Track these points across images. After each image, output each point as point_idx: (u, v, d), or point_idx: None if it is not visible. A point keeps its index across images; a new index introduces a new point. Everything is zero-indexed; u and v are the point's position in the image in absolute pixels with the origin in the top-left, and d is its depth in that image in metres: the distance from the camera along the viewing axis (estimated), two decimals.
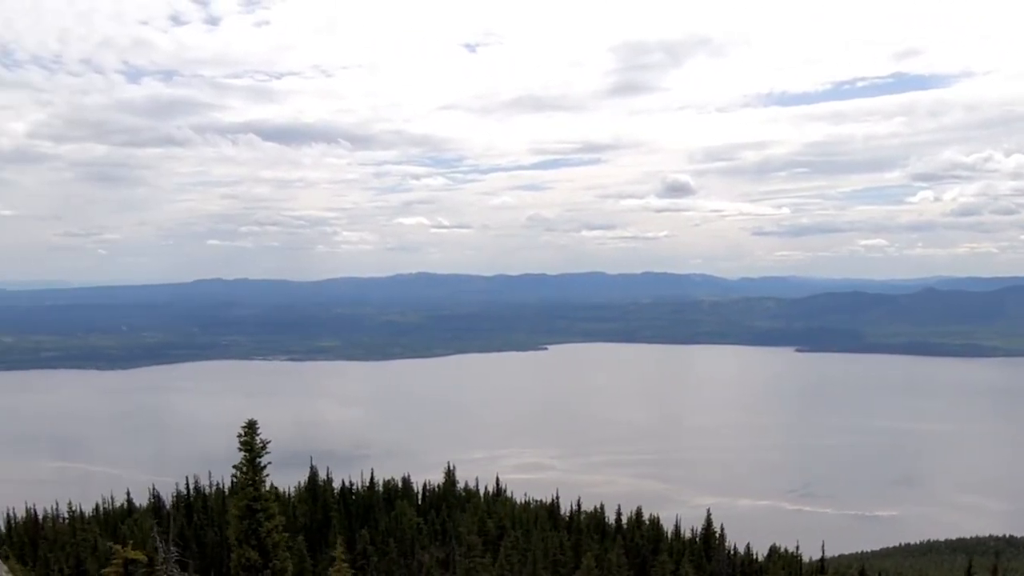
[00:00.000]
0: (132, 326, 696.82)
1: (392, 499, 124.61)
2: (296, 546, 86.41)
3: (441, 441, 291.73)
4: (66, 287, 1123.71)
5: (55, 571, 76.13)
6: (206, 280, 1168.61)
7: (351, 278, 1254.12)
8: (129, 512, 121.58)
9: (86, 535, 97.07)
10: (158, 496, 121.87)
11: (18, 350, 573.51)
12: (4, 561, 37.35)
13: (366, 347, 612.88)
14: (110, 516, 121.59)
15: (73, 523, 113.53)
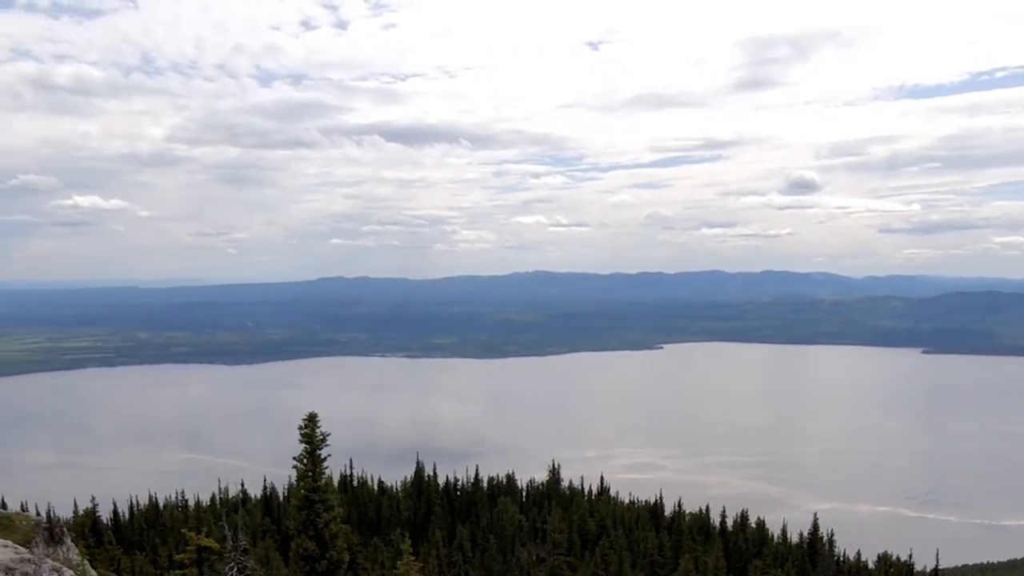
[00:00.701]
0: (257, 323, 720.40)
1: (496, 496, 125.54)
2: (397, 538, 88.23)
3: (553, 439, 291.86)
4: (197, 285, 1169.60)
5: (162, 557, 79.06)
6: (328, 278, 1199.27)
7: (469, 276, 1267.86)
8: (243, 502, 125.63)
9: (199, 524, 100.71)
10: (272, 487, 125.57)
11: (151, 345, 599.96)
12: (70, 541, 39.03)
13: (482, 345, 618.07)
14: (226, 506, 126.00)
15: (186, 512, 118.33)
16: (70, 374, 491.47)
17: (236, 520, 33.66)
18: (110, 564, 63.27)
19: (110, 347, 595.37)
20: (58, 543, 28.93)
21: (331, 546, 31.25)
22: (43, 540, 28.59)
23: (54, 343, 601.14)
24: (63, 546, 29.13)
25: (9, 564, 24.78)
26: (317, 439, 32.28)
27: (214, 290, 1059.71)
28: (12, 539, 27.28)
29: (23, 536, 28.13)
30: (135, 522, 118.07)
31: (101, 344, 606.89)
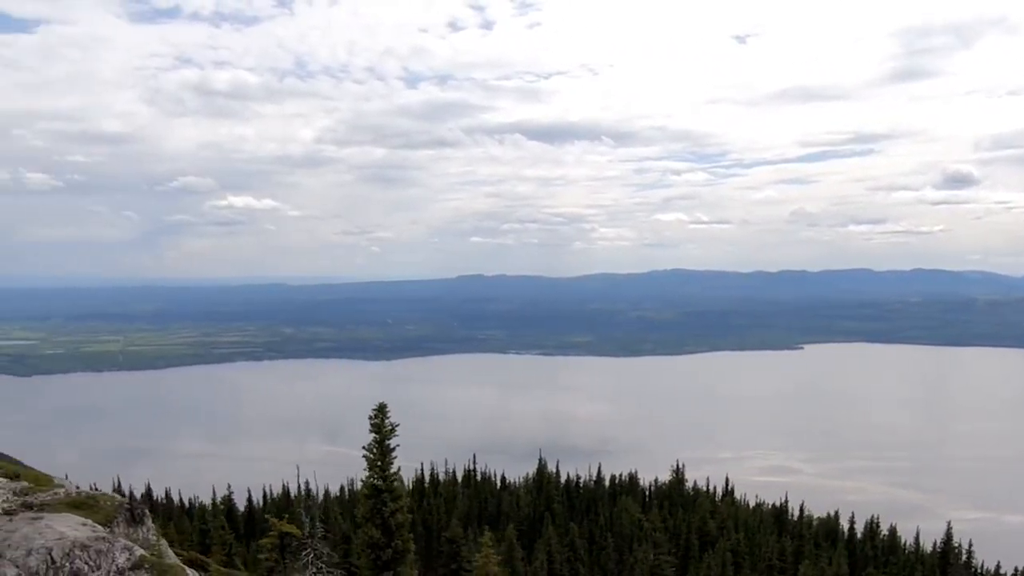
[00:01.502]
0: (397, 319, 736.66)
1: (617, 495, 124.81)
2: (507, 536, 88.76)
3: (686, 439, 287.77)
4: (341, 282, 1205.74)
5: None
6: (468, 276, 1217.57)
7: (606, 274, 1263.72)
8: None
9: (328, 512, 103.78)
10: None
11: (296, 340, 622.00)
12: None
13: (618, 343, 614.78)
14: (354, 496, 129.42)
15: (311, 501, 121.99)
16: (221, 367, 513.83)
17: (314, 509, 34.40)
18: (222, 547, 65.78)
19: (258, 342, 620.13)
20: (138, 523, 30.20)
21: (396, 535, 31.63)
22: (124, 520, 29.89)
23: (207, 337, 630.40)
24: (143, 526, 30.40)
25: (85, 541, 26.01)
26: (386, 429, 32.77)
27: (357, 287, 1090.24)
28: (94, 518, 28.61)
29: (105, 516, 29.48)
30: (267, 509, 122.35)
31: (250, 339, 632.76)
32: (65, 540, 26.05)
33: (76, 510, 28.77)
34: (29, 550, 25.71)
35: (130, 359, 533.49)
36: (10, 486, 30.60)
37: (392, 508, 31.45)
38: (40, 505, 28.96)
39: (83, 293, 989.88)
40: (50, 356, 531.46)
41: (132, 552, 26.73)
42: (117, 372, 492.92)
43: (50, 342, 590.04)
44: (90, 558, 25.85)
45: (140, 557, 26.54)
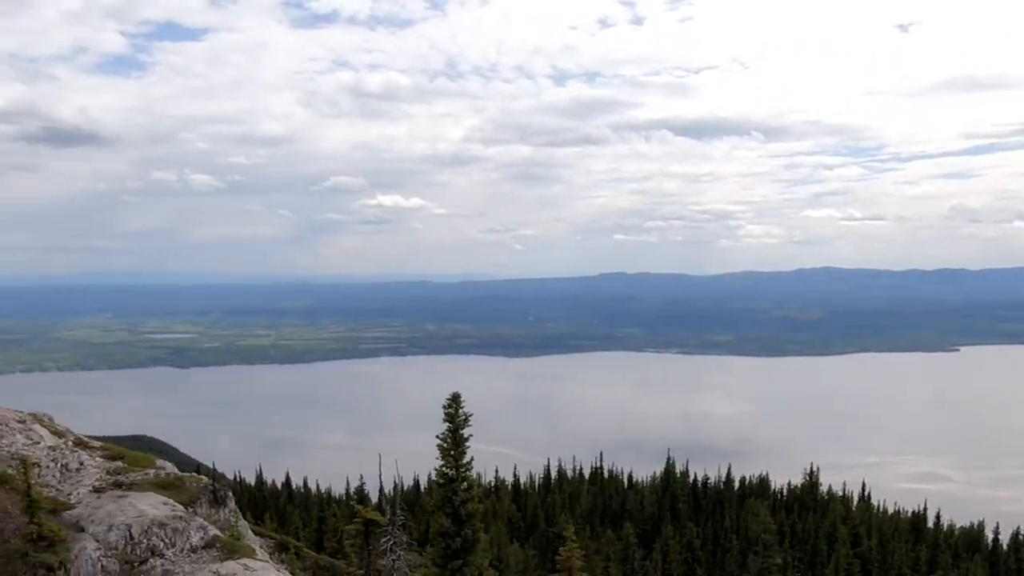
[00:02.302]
0: (538, 317, 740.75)
1: (746, 497, 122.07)
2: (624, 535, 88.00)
3: (828, 443, 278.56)
4: (484, 279, 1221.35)
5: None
6: (609, 274, 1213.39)
7: (751, 272, 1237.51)
8: (497, 489, 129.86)
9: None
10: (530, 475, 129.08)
11: (439, 337, 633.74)
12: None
13: (760, 342, 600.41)
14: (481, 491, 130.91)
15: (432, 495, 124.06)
16: (366, 362, 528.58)
17: (394, 497, 35.00)
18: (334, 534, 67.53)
19: (402, 338, 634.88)
20: (221, 505, 31.41)
21: (466, 525, 31.79)
22: (207, 501, 31.15)
23: (354, 333, 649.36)
24: (225, 508, 31.59)
25: (163, 520, 27.19)
26: (460, 419, 33.02)
27: (499, 285, 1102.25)
28: (178, 498, 29.89)
29: (189, 496, 30.77)
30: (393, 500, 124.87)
31: (394, 335, 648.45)
32: (144, 518, 27.27)
33: (162, 490, 30.04)
34: (110, 526, 27.02)
35: (281, 353, 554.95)
36: (104, 466, 32.21)
37: (463, 497, 31.66)
38: (130, 484, 30.36)
39: (240, 289, 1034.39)
40: (207, 349, 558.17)
41: (206, 531, 27.75)
42: (268, 365, 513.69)
43: (208, 336, 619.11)
44: (166, 535, 26.99)
45: (213, 536, 27.51)
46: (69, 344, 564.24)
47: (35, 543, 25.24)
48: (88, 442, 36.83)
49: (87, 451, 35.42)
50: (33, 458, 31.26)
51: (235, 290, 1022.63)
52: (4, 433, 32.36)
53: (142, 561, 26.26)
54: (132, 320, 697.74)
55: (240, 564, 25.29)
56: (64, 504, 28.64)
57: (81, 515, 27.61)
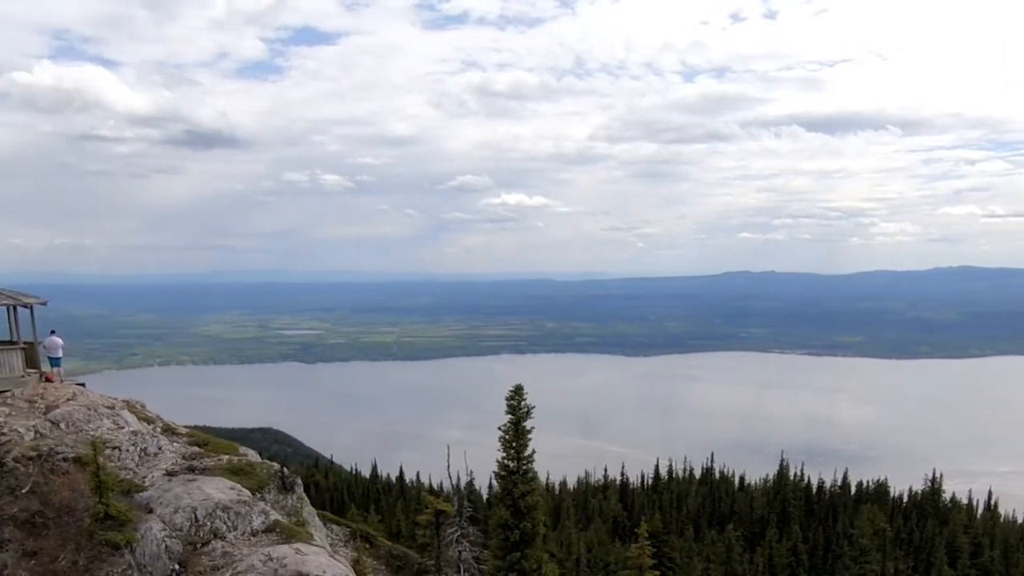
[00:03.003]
0: (659, 316, 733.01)
1: (862, 502, 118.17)
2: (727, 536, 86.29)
3: (958, 450, 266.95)
4: (605, 278, 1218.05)
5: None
6: (734, 273, 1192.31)
7: (883, 271, 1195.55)
8: (604, 488, 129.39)
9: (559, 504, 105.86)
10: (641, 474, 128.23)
11: (559, 335, 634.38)
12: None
13: (890, 344, 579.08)
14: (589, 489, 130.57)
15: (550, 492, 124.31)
16: (485, 359, 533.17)
17: (462, 490, 35.29)
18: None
19: (522, 335, 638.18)
20: (288, 491, 32.22)
21: (526, 517, 31.68)
22: (275, 487, 32.01)
23: (475, 331, 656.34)
24: (293, 494, 32.38)
25: (227, 503, 28.06)
26: (522, 411, 32.91)
27: (621, 283, 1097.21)
28: (247, 484, 30.80)
29: (258, 482, 31.66)
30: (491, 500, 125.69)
31: (515, 332, 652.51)
32: (209, 501, 28.20)
33: (232, 476, 30.97)
34: (177, 508, 28.04)
35: (403, 350, 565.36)
36: (182, 451, 33.44)
37: (522, 490, 31.57)
38: (202, 469, 31.44)
39: (366, 287, 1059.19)
40: (333, 345, 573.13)
41: (268, 516, 28.49)
42: (391, 362, 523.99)
43: (334, 332, 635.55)
44: (229, 519, 27.84)
45: (274, 521, 28.22)
46: (204, 339, 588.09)
47: (101, 522, 26.41)
48: (175, 428, 38.30)
49: (172, 437, 36.88)
50: (115, 442, 32.74)
51: (361, 288, 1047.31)
52: (92, 418, 33.94)
53: (205, 543, 27.18)
54: (263, 316, 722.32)
55: (293, 548, 25.90)
56: (138, 486, 29.87)
57: (151, 497, 28.75)
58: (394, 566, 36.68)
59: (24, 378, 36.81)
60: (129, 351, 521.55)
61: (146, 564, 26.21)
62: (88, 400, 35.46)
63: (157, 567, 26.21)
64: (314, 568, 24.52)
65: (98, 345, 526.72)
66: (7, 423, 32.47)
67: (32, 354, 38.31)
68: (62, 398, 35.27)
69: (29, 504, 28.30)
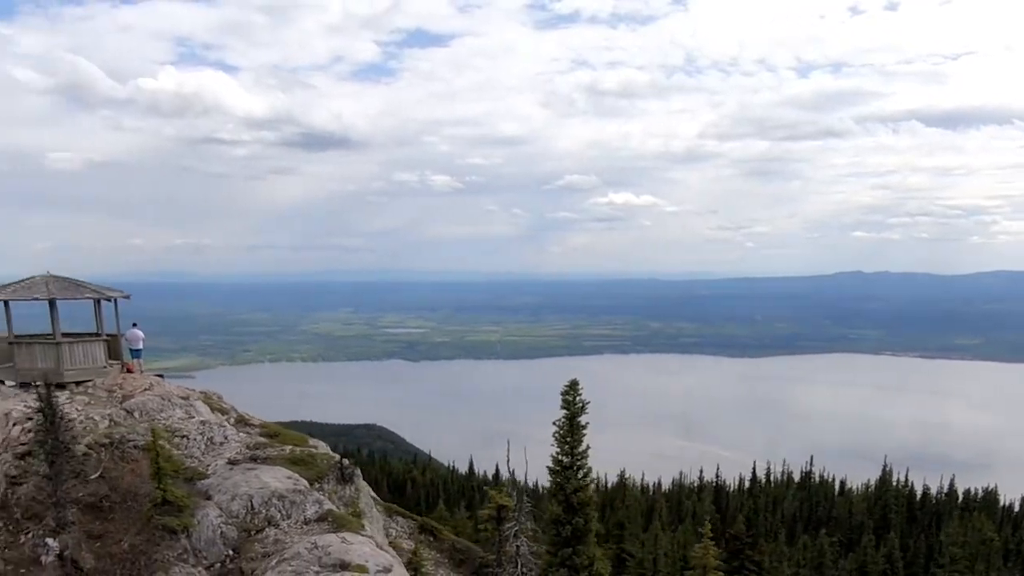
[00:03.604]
0: (766, 316, 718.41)
1: (970, 510, 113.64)
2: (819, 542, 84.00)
3: None
4: (710, 278, 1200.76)
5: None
6: (845, 273, 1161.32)
7: (1006, 272, 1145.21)
8: (700, 489, 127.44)
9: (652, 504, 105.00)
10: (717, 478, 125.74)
11: (663, 335, 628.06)
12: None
13: (1012, 347, 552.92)
14: (684, 491, 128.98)
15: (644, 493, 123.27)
16: (588, 359, 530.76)
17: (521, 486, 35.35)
18: None
19: (625, 335, 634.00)
20: (347, 482, 32.75)
21: (578, 513, 31.44)
22: (334, 478, 32.58)
23: (577, 330, 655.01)
24: (351, 485, 32.91)
25: (283, 492, 28.75)
26: (576, 407, 32.70)
27: (727, 283, 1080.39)
28: (307, 474, 31.48)
29: (317, 472, 32.31)
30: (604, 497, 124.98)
31: (618, 332, 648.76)
32: (266, 490, 28.92)
33: (293, 465, 31.69)
34: (234, 495, 28.83)
35: (507, 349, 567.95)
36: (247, 440, 34.33)
37: (575, 485, 31.35)
38: (264, 458, 32.23)
39: (471, 286, 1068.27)
40: (437, 344, 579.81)
41: (321, 506, 29.04)
42: (494, 361, 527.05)
43: (439, 331, 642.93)
44: (283, 507, 28.51)
45: (327, 510, 28.75)
46: (313, 337, 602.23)
47: (159, 507, 27.34)
48: (249, 419, 39.35)
49: (244, 427, 37.93)
50: (183, 431, 33.87)
51: (466, 287, 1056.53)
52: (165, 408, 35.16)
53: (259, 530, 27.90)
54: (371, 315, 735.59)
55: (339, 537, 26.35)
56: (201, 474, 30.84)
57: (211, 484, 29.64)
58: (456, 559, 36.94)
59: (106, 368, 38.37)
60: (242, 348, 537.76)
61: (201, 549, 27.05)
62: (163, 390, 36.75)
63: (212, 552, 27.03)
64: (356, 557, 24.91)
65: (213, 342, 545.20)
66: (85, 411, 33.93)
67: (114, 346, 39.87)
68: (139, 388, 36.64)
69: (97, 489, 29.52)
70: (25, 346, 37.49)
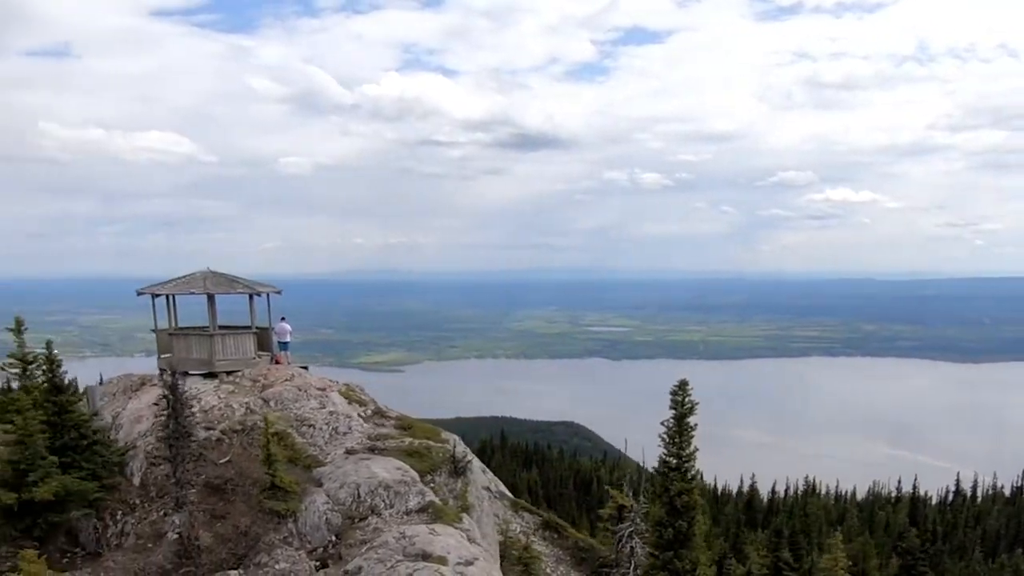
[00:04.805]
0: (995, 319, 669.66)
1: None
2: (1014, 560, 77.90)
3: None
4: (934, 278, 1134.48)
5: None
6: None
7: None
8: (896, 500, 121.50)
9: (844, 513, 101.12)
10: (915, 489, 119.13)
11: (877, 337, 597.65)
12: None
13: None
14: (878, 501, 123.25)
15: (838, 501, 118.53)
16: (794, 361, 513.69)
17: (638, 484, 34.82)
18: None
19: (836, 337, 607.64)
20: (460, 475, 33.31)
21: (682, 516, 30.52)
22: (447, 471, 33.19)
23: (785, 331, 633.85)
24: (464, 478, 33.39)
25: (389, 483, 29.75)
26: (686, 407, 31.78)
27: (952, 283, 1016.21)
28: (419, 466, 32.36)
29: (431, 464, 33.09)
30: (784, 503, 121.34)
31: (828, 334, 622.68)
32: (374, 479, 29.96)
33: (407, 457, 32.65)
34: (343, 484, 30.02)
35: (710, 349, 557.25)
36: (369, 431, 35.58)
37: (680, 488, 30.46)
38: (381, 449, 33.32)
39: (676, 285, 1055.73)
40: (639, 343, 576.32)
41: (424, 497, 29.79)
42: (696, 361, 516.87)
43: (641, 330, 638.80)
44: (388, 497, 29.45)
45: (428, 502, 29.48)
46: (517, 334, 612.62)
47: (268, 492, 28.81)
48: (386, 411, 40.66)
49: (381, 419, 39.29)
50: (311, 420, 35.49)
51: (671, 285, 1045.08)
52: (300, 398, 36.95)
53: (362, 518, 28.89)
54: (574, 313, 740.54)
55: (428, 528, 26.94)
56: (319, 462, 32.26)
57: (325, 473, 30.95)
58: (578, 558, 36.83)
59: (255, 360, 40.73)
60: (449, 344, 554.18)
61: (306, 533, 28.32)
62: (302, 382, 38.57)
63: (316, 536, 28.24)
64: (439, 548, 25.39)
65: (421, 338, 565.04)
66: (226, 399, 36.19)
67: (264, 338, 42.24)
68: (280, 379, 38.64)
69: (224, 472, 31.44)
70: (183, 337, 40.39)
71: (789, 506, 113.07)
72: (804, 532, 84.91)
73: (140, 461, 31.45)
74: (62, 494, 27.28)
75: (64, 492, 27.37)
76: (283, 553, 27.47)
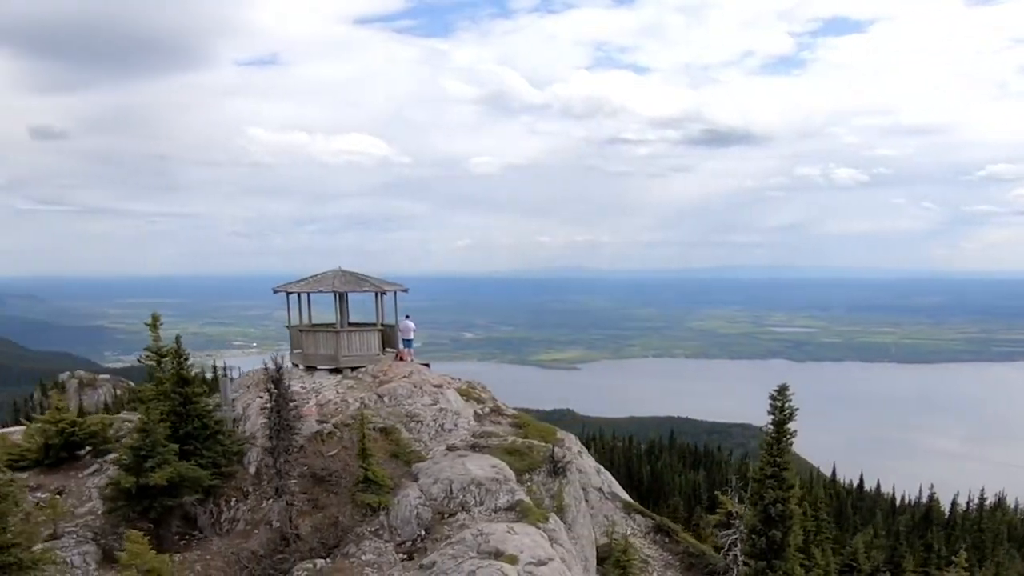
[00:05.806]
0: None
1: None
2: None
3: None
4: None
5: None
6: None
7: None
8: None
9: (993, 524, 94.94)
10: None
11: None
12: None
13: None
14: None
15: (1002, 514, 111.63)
16: (997, 365, 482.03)
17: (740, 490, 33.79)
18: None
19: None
20: (559, 475, 33.26)
21: (777, 525, 29.20)
22: (545, 470, 33.24)
23: (987, 334, 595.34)
24: (563, 478, 33.34)
25: (481, 480, 30.28)
26: (785, 412, 30.46)
27: None
28: (518, 464, 32.68)
29: (530, 463, 33.25)
30: (966, 515, 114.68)
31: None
32: (467, 476, 30.49)
33: (506, 455, 33.04)
34: (436, 479, 30.70)
35: (902, 352, 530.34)
36: (475, 429, 36.13)
37: (775, 496, 29.18)
38: (482, 447, 33.79)
39: (868, 284, 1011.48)
40: (825, 344, 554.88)
41: (514, 495, 30.05)
42: (887, 364, 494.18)
43: (828, 331, 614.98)
44: (479, 494, 29.93)
45: (517, 500, 29.72)
46: (697, 333, 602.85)
47: (361, 485, 29.73)
48: (503, 409, 41.14)
49: (498, 417, 39.82)
50: (419, 416, 36.35)
51: (863, 284, 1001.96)
52: (414, 394, 37.90)
53: (451, 513, 29.39)
54: (758, 313, 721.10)
55: (508, 526, 27.12)
56: (421, 457, 33.02)
57: (423, 468, 31.65)
58: (687, 563, 36.07)
59: (379, 356, 42.04)
60: (627, 342, 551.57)
61: (397, 526, 29.07)
62: (419, 378, 39.50)
63: (406, 530, 28.95)
64: (512, 547, 25.51)
65: (600, 335, 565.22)
66: (345, 394, 37.56)
67: (389, 335, 43.49)
68: (399, 375, 39.72)
69: (329, 464, 32.68)
70: (312, 334, 42.15)
71: (973, 520, 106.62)
72: (976, 547, 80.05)
73: (256, 452, 33.04)
74: (176, 480, 28.98)
75: (178, 478, 29.07)
76: (371, 545, 28.32)
